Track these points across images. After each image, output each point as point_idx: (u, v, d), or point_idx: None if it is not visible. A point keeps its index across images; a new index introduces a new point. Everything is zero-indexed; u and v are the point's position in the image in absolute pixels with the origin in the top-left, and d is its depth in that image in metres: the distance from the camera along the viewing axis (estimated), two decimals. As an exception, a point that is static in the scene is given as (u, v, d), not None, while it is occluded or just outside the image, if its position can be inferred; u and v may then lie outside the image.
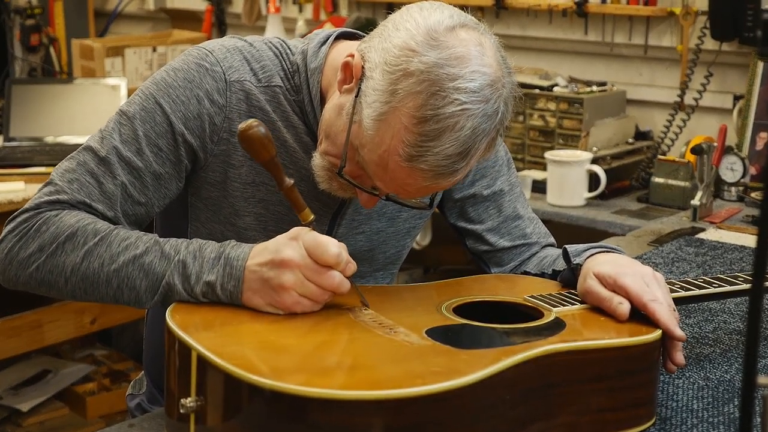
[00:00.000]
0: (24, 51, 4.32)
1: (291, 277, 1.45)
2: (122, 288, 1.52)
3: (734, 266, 2.31)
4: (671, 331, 1.48)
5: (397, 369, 1.31)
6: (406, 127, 1.45)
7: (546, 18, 3.66)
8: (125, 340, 4.25)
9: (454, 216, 1.90)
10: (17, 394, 3.84)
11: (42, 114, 3.66)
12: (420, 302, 1.58)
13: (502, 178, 1.89)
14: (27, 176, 3.23)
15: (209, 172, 1.67)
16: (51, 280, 1.54)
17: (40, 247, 1.53)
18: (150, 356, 1.97)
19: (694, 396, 1.60)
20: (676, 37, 3.38)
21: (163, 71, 1.66)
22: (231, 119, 1.64)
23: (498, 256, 1.89)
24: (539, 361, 1.36)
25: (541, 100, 3.37)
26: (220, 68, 1.64)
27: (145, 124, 1.62)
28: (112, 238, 1.53)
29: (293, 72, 1.68)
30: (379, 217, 1.79)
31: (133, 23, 5.07)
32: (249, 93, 1.65)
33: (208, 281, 1.48)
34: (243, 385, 1.24)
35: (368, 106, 1.49)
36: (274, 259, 1.46)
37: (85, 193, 1.58)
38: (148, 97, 1.64)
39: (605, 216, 3.04)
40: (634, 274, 1.54)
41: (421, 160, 1.45)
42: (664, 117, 3.43)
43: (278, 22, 4.15)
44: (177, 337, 1.37)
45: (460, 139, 1.45)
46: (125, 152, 1.60)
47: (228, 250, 1.50)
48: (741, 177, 3.03)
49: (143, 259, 1.51)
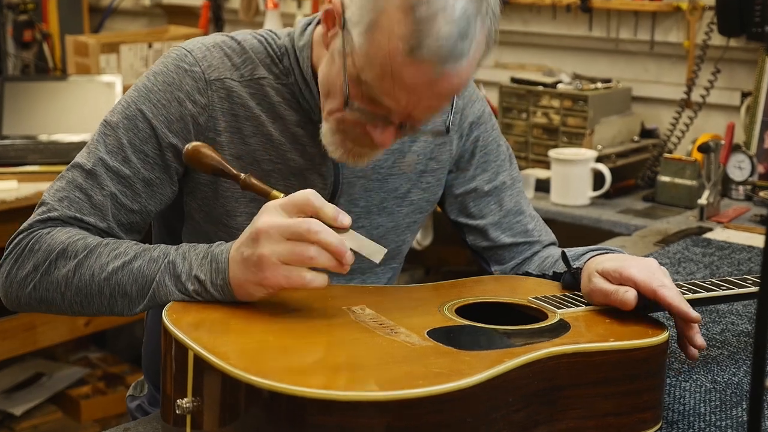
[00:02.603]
0: (17, 47, 4.34)
1: (267, 246, 1.41)
2: (115, 296, 1.53)
3: (742, 267, 2.31)
4: (685, 312, 1.48)
5: (397, 370, 1.30)
6: (399, 21, 1.44)
7: (549, 13, 3.66)
8: (120, 342, 4.24)
9: (455, 212, 1.90)
10: (10, 397, 3.84)
11: (35, 112, 3.66)
12: (421, 303, 1.57)
13: (504, 173, 1.90)
14: (20, 175, 3.21)
15: (200, 172, 1.68)
16: (49, 298, 1.56)
17: (34, 266, 1.56)
18: (149, 358, 1.98)
19: (701, 399, 1.59)
20: (683, 32, 3.38)
21: (144, 76, 1.69)
22: (215, 118, 1.66)
23: (499, 253, 1.89)
24: (543, 364, 1.35)
25: (544, 97, 3.37)
26: (199, 68, 1.66)
27: (129, 132, 1.64)
28: (101, 249, 1.54)
29: (281, 55, 1.69)
30: (378, 212, 1.79)
31: (129, 19, 5.10)
32: (230, 90, 1.67)
33: (198, 278, 1.47)
34: (241, 385, 1.23)
35: (356, 25, 1.49)
36: (250, 233, 1.44)
37: (76, 208, 1.61)
38: (129, 104, 1.66)
39: (610, 215, 3.03)
40: (639, 265, 1.54)
41: (423, 48, 1.43)
42: (671, 114, 3.43)
43: (276, 17, 4.16)
44: (174, 336, 1.36)
45: (454, 17, 1.44)
46: (112, 162, 1.63)
47: (214, 248, 1.50)
48: (749, 175, 3.03)
49: (132, 264, 1.52)
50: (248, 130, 1.68)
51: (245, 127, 1.68)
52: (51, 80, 3.96)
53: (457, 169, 1.87)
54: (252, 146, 1.68)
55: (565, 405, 1.39)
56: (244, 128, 1.68)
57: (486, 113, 1.88)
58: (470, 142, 1.86)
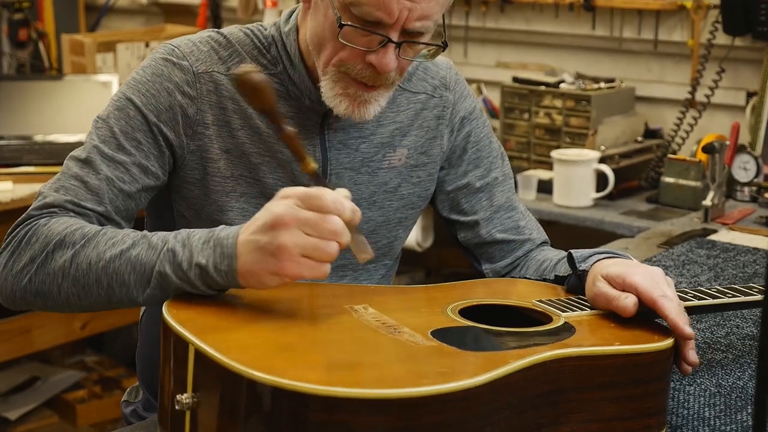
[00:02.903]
0: (12, 46, 4.34)
1: (288, 236, 1.37)
2: (113, 285, 1.50)
3: (747, 269, 2.30)
4: (680, 328, 1.47)
5: (401, 368, 1.31)
6: None
7: (552, 12, 3.65)
8: (117, 346, 4.25)
9: (446, 209, 1.91)
10: (5, 401, 3.82)
11: (31, 111, 3.64)
12: (425, 303, 1.58)
13: (496, 169, 1.91)
14: (15, 176, 3.20)
15: (188, 170, 1.70)
16: (45, 290, 1.54)
17: (31, 258, 1.55)
18: (144, 363, 1.97)
19: (705, 403, 1.59)
20: (687, 31, 3.38)
21: (133, 72, 1.72)
22: (203, 111, 1.68)
23: (489, 251, 1.90)
24: (547, 366, 1.35)
25: (547, 98, 3.37)
26: (187, 62, 1.69)
27: (120, 120, 1.66)
28: (99, 238, 1.52)
29: (268, 45, 1.73)
30: (368, 206, 1.79)
31: (125, 17, 5.10)
32: (218, 83, 1.69)
33: (199, 263, 1.43)
34: (242, 381, 1.23)
35: None
36: (266, 221, 1.39)
37: (72, 194, 1.61)
38: (120, 96, 1.69)
39: (613, 217, 3.02)
40: (643, 273, 1.54)
41: None
42: (675, 114, 3.43)
43: (275, 15, 4.17)
44: (174, 331, 1.35)
45: None
46: (106, 150, 1.64)
47: (217, 232, 1.46)
48: (754, 177, 3.03)
49: (130, 252, 1.49)
50: (236, 123, 1.69)
51: (233, 120, 1.69)
52: (47, 80, 3.96)
53: (449, 165, 1.88)
54: (240, 139, 1.69)
55: (570, 408, 1.39)
56: (232, 121, 1.69)
57: (477, 109, 1.91)
58: (462, 138, 1.88)
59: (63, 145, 3.43)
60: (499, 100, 3.45)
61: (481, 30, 3.80)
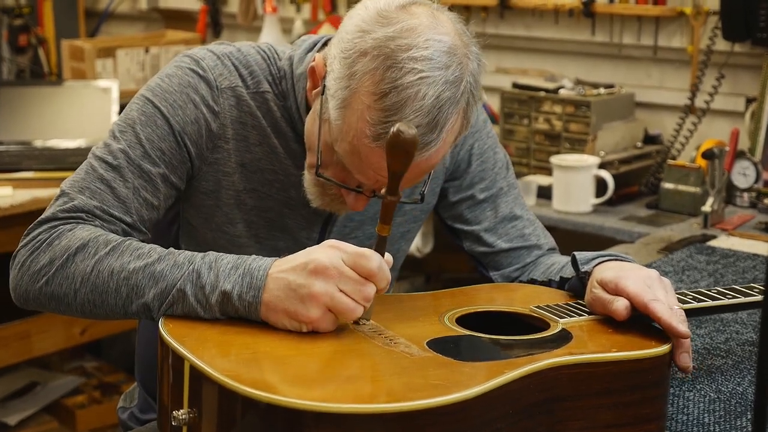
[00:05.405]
0: (12, 52, 4.33)
1: (323, 286, 1.38)
2: (131, 297, 1.48)
3: (747, 275, 2.30)
4: (673, 327, 1.46)
5: (395, 381, 1.30)
6: (369, 106, 1.45)
7: (552, 18, 3.65)
8: (116, 351, 4.25)
9: (450, 218, 1.91)
10: (4, 407, 3.82)
11: (31, 117, 3.63)
12: (422, 312, 1.57)
13: (501, 180, 1.90)
14: (15, 181, 3.19)
15: (202, 181, 1.70)
16: (60, 294, 1.51)
17: (50, 260, 1.52)
18: (142, 362, 1.98)
19: (705, 409, 1.58)
20: (687, 37, 3.37)
21: (157, 78, 1.69)
22: (225, 126, 1.67)
23: (496, 259, 1.89)
24: (544, 375, 1.35)
25: (546, 103, 3.35)
26: (212, 75, 1.67)
27: (146, 128, 1.63)
28: (124, 248, 1.51)
29: (280, 78, 1.71)
30: (372, 222, 1.79)
31: (125, 23, 5.10)
32: (240, 99, 1.68)
33: (224, 290, 1.42)
34: (237, 397, 1.23)
35: (332, 97, 1.50)
36: (307, 264, 1.39)
37: (99, 199, 1.58)
38: (146, 102, 1.66)
39: (613, 223, 3.01)
40: (636, 277, 1.53)
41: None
42: (674, 120, 3.41)
43: (275, 22, 4.16)
44: (170, 347, 1.36)
45: (424, 109, 1.44)
46: (133, 156, 1.62)
47: (249, 261, 1.45)
48: (754, 182, 3.02)
49: (155, 267, 1.47)
50: (254, 138, 1.69)
51: (251, 135, 1.69)
52: (46, 85, 3.96)
53: (453, 178, 1.87)
54: (257, 155, 1.69)
55: (567, 416, 1.38)
56: (251, 136, 1.69)
57: (480, 121, 1.88)
58: (465, 151, 1.86)
59: (63, 150, 3.44)
60: (499, 106, 3.44)
61: (481, 36, 3.78)
